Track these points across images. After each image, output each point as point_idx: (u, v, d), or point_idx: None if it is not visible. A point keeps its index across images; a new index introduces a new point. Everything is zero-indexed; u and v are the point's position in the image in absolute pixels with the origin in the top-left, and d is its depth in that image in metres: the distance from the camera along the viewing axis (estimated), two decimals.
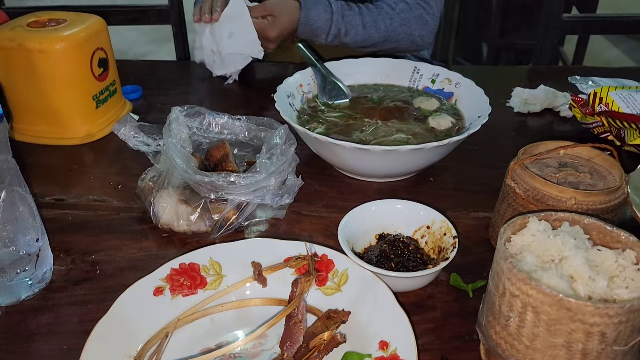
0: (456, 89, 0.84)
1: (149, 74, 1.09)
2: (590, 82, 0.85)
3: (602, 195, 0.55)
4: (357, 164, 0.71)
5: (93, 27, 0.84)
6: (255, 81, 1.07)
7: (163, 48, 3.44)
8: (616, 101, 0.79)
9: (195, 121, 0.75)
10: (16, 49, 0.78)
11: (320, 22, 1.01)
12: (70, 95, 0.82)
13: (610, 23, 1.27)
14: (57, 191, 0.74)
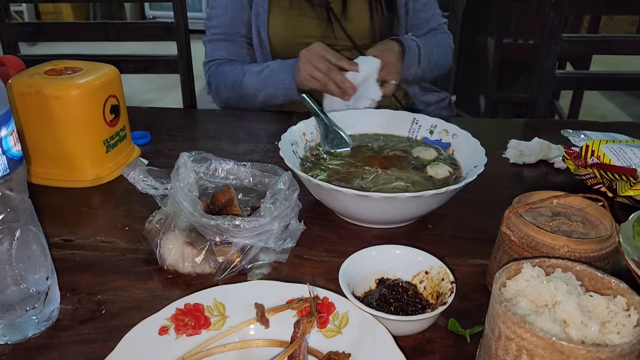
0: (453, 140, 0.88)
1: (157, 121, 1.12)
2: (583, 135, 0.88)
3: (594, 243, 0.58)
4: (357, 210, 0.73)
5: (107, 75, 0.89)
6: (260, 129, 1.11)
7: (168, 95, 3.53)
8: (607, 154, 0.82)
9: (202, 166, 0.78)
10: (34, 95, 0.82)
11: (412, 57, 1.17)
12: (82, 139, 0.86)
13: (601, 79, 1.32)
14: (65, 232, 0.76)
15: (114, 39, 1.41)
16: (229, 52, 1.25)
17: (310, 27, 1.21)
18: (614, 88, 1.12)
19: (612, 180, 0.82)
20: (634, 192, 0.79)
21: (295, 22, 1.21)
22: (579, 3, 1.22)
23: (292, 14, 1.21)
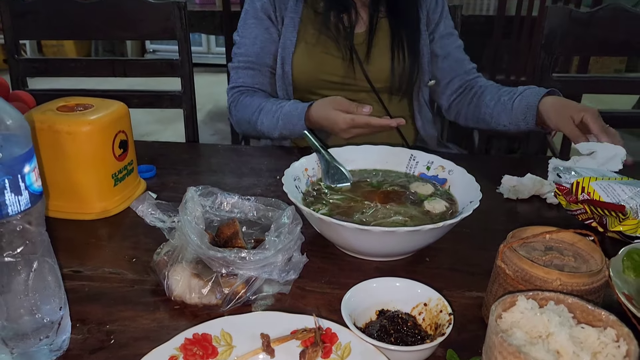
0: (449, 176, 0.91)
1: (162, 155, 1.16)
2: (573, 172, 0.92)
3: (585, 277, 0.60)
4: (358, 243, 0.76)
5: (117, 112, 0.92)
6: (261, 163, 1.14)
7: (168, 128, 3.58)
8: (597, 191, 0.86)
9: (208, 200, 0.81)
10: (46, 130, 0.85)
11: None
12: (92, 173, 0.89)
13: None
14: (74, 263, 0.78)
15: (120, 74, 1.46)
16: (253, 81, 1.29)
17: (333, 65, 1.26)
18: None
19: (602, 215, 0.86)
20: (623, 227, 0.82)
21: (320, 59, 1.25)
22: (569, 45, 1.28)
23: (317, 50, 1.25)
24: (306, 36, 1.26)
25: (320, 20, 1.24)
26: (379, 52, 1.27)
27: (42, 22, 1.41)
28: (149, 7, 1.41)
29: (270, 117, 1.19)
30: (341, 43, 1.24)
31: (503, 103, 1.21)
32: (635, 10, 1.25)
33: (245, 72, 1.29)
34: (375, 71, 1.27)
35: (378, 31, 1.27)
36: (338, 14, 1.24)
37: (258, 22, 1.27)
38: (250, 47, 1.28)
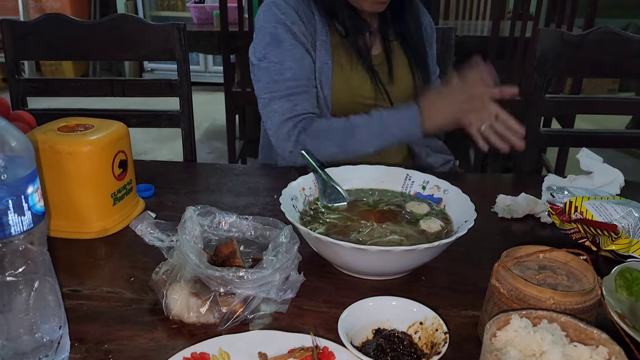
0: (444, 195, 0.93)
1: (160, 174, 1.17)
2: (566, 192, 0.93)
3: (578, 296, 0.61)
4: (354, 262, 0.77)
5: (117, 132, 0.94)
6: (259, 183, 1.16)
7: (164, 147, 3.59)
8: (590, 210, 0.87)
9: (207, 219, 0.82)
10: (47, 150, 0.86)
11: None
12: (91, 193, 0.90)
13: (583, 137, 1.39)
14: (73, 282, 0.79)
15: (119, 94, 1.47)
16: (312, 105, 1.23)
17: (365, 88, 1.26)
18: (595, 145, 1.18)
19: (595, 235, 0.87)
20: (616, 246, 0.84)
21: (354, 82, 1.26)
22: (561, 67, 1.30)
23: (352, 74, 1.25)
24: (341, 60, 1.26)
25: (349, 44, 1.25)
26: (399, 71, 1.30)
27: (43, 42, 1.43)
28: (149, 29, 1.44)
29: (369, 128, 1.16)
30: (366, 65, 1.26)
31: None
32: (624, 33, 1.28)
33: (302, 98, 1.21)
34: (399, 90, 1.30)
35: (393, 52, 1.30)
36: (356, 37, 1.26)
37: (298, 45, 1.21)
38: (299, 70, 1.21)
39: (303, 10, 1.24)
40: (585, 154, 1.07)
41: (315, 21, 1.25)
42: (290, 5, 1.23)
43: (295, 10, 1.23)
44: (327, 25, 1.25)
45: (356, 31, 1.26)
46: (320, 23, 1.25)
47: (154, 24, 1.45)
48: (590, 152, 1.08)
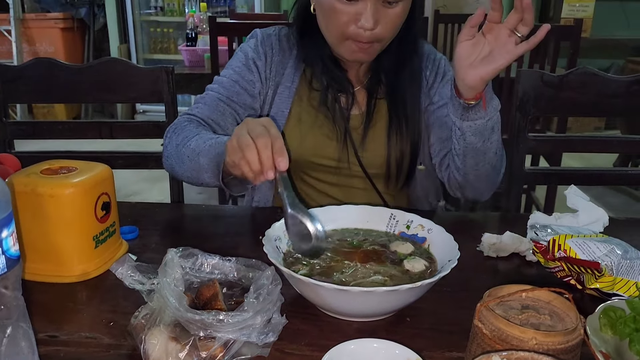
0: (429, 234, 0.93)
1: (145, 216, 1.16)
2: (549, 229, 0.93)
3: (560, 336, 0.61)
4: (337, 304, 0.76)
5: (100, 174, 0.93)
6: (245, 224, 1.15)
7: (154, 187, 3.59)
8: (573, 248, 0.87)
9: (188, 262, 0.81)
10: (29, 193, 0.86)
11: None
12: (73, 236, 0.89)
13: (567, 175, 1.40)
14: (50, 328, 0.77)
15: (107, 136, 1.48)
16: (211, 114, 1.14)
17: (328, 148, 1.18)
18: (580, 183, 1.19)
19: (580, 273, 0.87)
20: (600, 284, 0.83)
21: (315, 140, 1.17)
22: (542, 106, 1.33)
23: (313, 130, 1.18)
24: (302, 113, 1.18)
25: (318, 99, 1.17)
26: (374, 136, 1.18)
27: (33, 86, 1.44)
28: (138, 72, 1.46)
29: (202, 141, 1.02)
30: (337, 125, 1.17)
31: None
32: (602, 74, 1.31)
33: (209, 105, 1.15)
34: (370, 157, 1.19)
35: (375, 114, 1.19)
36: (335, 94, 1.17)
37: (245, 70, 1.18)
38: (228, 85, 1.17)
39: (280, 50, 1.20)
40: (572, 192, 1.08)
41: (287, 65, 1.19)
42: (268, 43, 1.20)
43: (271, 48, 1.20)
44: (301, 73, 1.19)
45: (333, 89, 1.16)
46: (292, 68, 1.19)
47: (143, 67, 1.47)
48: (577, 190, 1.09)
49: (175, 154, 1.07)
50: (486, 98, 1.00)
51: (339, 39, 1.07)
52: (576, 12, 4.75)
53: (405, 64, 1.17)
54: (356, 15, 1.02)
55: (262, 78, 1.19)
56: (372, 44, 1.06)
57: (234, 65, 1.20)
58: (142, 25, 5.22)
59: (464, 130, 1.04)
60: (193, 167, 1.02)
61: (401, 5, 1.04)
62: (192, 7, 4.76)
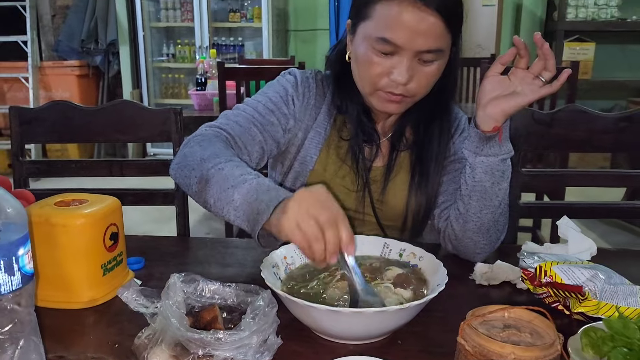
0: (420, 262, 0.97)
1: (152, 248, 1.22)
2: (536, 257, 0.97)
3: (537, 350, 0.64)
4: (329, 325, 0.80)
5: (110, 206, 0.99)
6: (247, 255, 1.20)
7: (163, 227, 3.64)
8: (558, 274, 0.91)
9: (190, 287, 0.86)
10: (43, 223, 0.92)
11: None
12: (82, 263, 0.94)
13: (562, 209, 1.44)
14: (59, 348, 0.81)
15: (118, 174, 1.55)
16: (241, 136, 1.10)
17: (346, 198, 1.20)
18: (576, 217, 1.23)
19: (566, 297, 0.90)
20: (584, 308, 0.87)
21: (336, 189, 1.18)
22: (533, 142, 1.38)
23: (335, 181, 1.19)
24: (328, 162, 1.19)
25: (345, 149, 1.18)
26: (394, 190, 1.20)
27: (47, 127, 1.52)
28: (148, 113, 1.54)
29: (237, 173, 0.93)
30: (359, 176, 1.18)
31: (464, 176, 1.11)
32: (591, 111, 1.37)
33: (243, 126, 1.11)
34: (388, 209, 1.20)
35: (397, 166, 1.20)
36: (361, 144, 1.18)
37: (282, 103, 1.17)
38: (264, 112, 1.15)
39: (316, 93, 1.21)
40: (564, 223, 1.12)
41: (321, 110, 1.20)
42: (306, 85, 1.20)
43: (309, 90, 1.20)
44: (332, 120, 1.21)
45: (359, 140, 1.17)
46: (325, 114, 1.20)
47: (153, 109, 1.55)
48: (569, 221, 1.13)
49: (198, 168, 0.98)
50: (503, 134, 1.03)
51: (371, 89, 1.09)
52: (577, 55, 4.87)
53: (435, 120, 1.18)
54: (391, 68, 1.04)
55: (296, 117, 1.19)
56: (403, 98, 1.08)
57: (271, 95, 1.18)
58: (154, 71, 5.41)
59: (475, 167, 1.06)
60: (220, 195, 0.93)
61: (436, 64, 1.06)
62: (202, 54, 4.94)
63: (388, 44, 1.02)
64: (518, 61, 1.01)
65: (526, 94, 1.00)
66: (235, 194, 0.90)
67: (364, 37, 1.06)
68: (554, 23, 4.92)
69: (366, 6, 1.06)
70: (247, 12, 5.21)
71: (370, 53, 1.05)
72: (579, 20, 4.85)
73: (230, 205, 0.91)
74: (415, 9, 1.00)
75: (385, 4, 1.02)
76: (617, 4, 4.83)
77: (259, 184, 0.91)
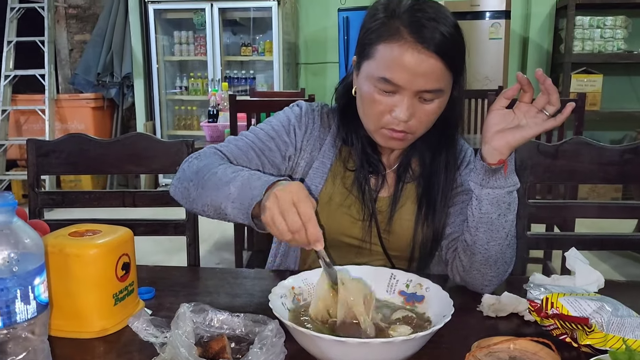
0: (426, 293, 0.98)
1: (162, 278, 1.23)
2: (543, 288, 0.98)
3: None
4: (335, 356, 0.80)
5: (122, 236, 1.02)
6: (256, 285, 1.21)
7: (173, 258, 3.66)
8: (565, 306, 0.91)
9: (199, 316, 0.87)
10: (57, 253, 0.94)
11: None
12: (94, 293, 0.96)
13: (569, 240, 1.45)
14: None
15: (130, 205, 1.58)
16: (233, 153, 1.16)
17: (353, 228, 1.21)
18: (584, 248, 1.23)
19: (573, 330, 0.90)
20: (591, 340, 0.86)
21: (341, 220, 1.21)
22: (539, 174, 1.40)
23: (341, 210, 1.21)
24: (333, 192, 1.21)
25: (351, 179, 1.21)
26: (400, 220, 1.21)
27: (63, 159, 1.56)
28: (160, 145, 1.57)
29: (229, 172, 1.03)
30: (365, 205, 1.20)
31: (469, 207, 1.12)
32: (595, 143, 1.38)
33: (241, 149, 1.18)
34: (395, 240, 1.22)
35: (403, 197, 1.22)
36: (366, 175, 1.21)
37: (283, 132, 1.22)
38: (264, 139, 1.20)
39: (320, 125, 1.25)
40: (572, 254, 1.12)
41: (325, 141, 1.24)
42: (311, 117, 1.24)
43: (313, 121, 1.24)
44: (337, 151, 1.23)
45: (364, 171, 1.20)
46: (330, 145, 1.23)
47: (165, 141, 1.59)
48: (577, 253, 1.13)
49: (194, 177, 1.08)
50: (508, 167, 1.05)
51: (375, 126, 1.13)
52: (584, 87, 4.90)
53: (441, 153, 1.20)
54: (392, 106, 1.08)
55: (297, 146, 1.23)
56: (405, 135, 1.11)
57: (274, 123, 1.24)
58: (168, 103, 5.52)
59: (482, 199, 1.07)
60: (217, 193, 1.02)
61: (437, 102, 1.09)
62: (214, 86, 5.03)
63: (389, 83, 1.06)
64: (522, 95, 1.03)
65: (531, 127, 1.01)
66: (231, 187, 1.00)
67: (367, 75, 1.10)
68: (561, 55, 4.97)
69: (369, 46, 1.10)
70: (259, 46, 5.33)
71: (373, 91, 1.09)
72: (586, 53, 4.90)
73: (228, 199, 1.00)
74: (415, 51, 1.03)
75: (387, 45, 1.06)
76: (623, 37, 4.87)
77: (251, 174, 1.02)
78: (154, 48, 5.24)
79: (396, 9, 1.08)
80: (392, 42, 1.05)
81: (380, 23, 1.08)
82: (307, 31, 5.59)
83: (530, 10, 5.17)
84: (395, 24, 1.06)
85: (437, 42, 1.03)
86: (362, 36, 1.13)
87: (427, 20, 1.05)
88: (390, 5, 1.09)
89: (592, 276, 1.07)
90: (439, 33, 1.04)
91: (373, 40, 1.09)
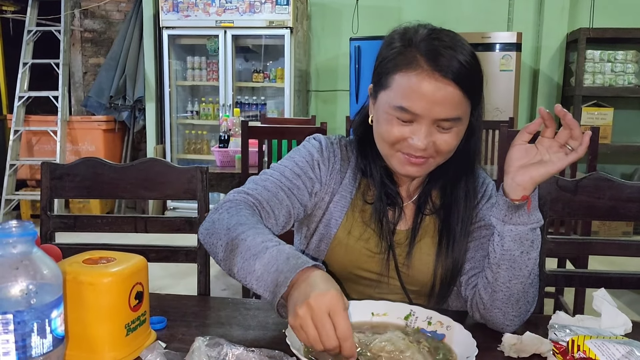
0: (447, 331, 0.95)
1: (174, 307, 1.21)
2: (568, 330, 0.95)
3: None
4: None
5: (136, 265, 1.00)
6: (269, 317, 1.18)
7: (180, 282, 3.64)
8: (592, 349, 0.88)
9: (214, 351, 0.85)
10: (71, 281, 0.92)
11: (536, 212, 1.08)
12: (106, 323, 0.94)
13: (589, 278, 1.41)
14: None
15: (142, 231, 1.56)
16: (269, 202, 1.12)
17: (370, 262, 1.19)
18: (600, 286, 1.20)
19: None
20: None
21: (359, 254, 1.19)
22: (558, 210, 1.37)
23: (359, 244, 1.19)
24: (353, 226, 1.20)
25: (369, 213, 1.19)
26: (419, 254, 1.18)
27: (77, 182, 1.56)
28: (174, 171, 1.57)
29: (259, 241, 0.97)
30: (383, 238, 1.18)
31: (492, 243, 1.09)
32: (615, 179, 1.36)
33: (270, 190, 1.13)
34: (415, 274, 1.19)
35: (422, 230, 1.20)
36: (384, 207, 1.19)
37: (308, 168, 1.19)
38: (291, 177, 1.17)
39: (340, 158, 1.23)
40: (601, 295, 1.09)
41: (346, 174, 1.22)
42: (331, 150, 1.23)
43: (334, 155, 1.22)
44: (357, 184, 1.22)
45: (382, 203, 1.18)
46: (350, 178, 1.22)
47: (180, 167, 1.58)
48: (606, 294, 1.10)
49: (224, 237, 1.03)
50: (532, 203, 1.03)
51: (390, 150, 1.11)
52: (595, 120, 4.89)
53: (461, 183, 1.18)
54: (410, 134, 1.07)
55: (322, 181, 1.21)
56: (426, 160, 1.09)
57: (297, 159, 1.20)
58: (178, 127, 5.55)
59: (504, 235, 1.04)
60: (243, 264, 0.97)
61: (455, 130, 1.08)
62: (226, 111, 5.07)
63: (407, 112, 1.05)
64: (544, 130, 1.02)
65: (554, 162, 1.00)
66: (256, 264, 0.94)
67: (384, 104, 1.10)
68: (572, 88, 4.98)
69: (386, 75, 1.10)
70: (270, 72, 5.38)
71: (390, 120, 1.09)
72: (597, 86, 4.91)
73: (252, 275, 0.95)
74: (432, 79, 1.03)
75: (403, 74, 1.06)
76: (634, 71, 4.89)
77: (279, 252, 0.94)
78: (166, 72, 5.29)
79: (413, 37, 1.08)
80: (409, 71, 1.05)
81: (397, 52, 1.08)
82: (319, 59, 5.64)
83: (540, 43, 5.21)
84: (412, 53, 1.06)
85: (455, 70, 1.03)
86: (379, 65, 1.13)
87: (444, 48, 1.04)
88: (407, 34, 1.09)
89: (619, 319, 1.04)
90: (456, 61, 1.03)
91: (390, 69, 1.08)
